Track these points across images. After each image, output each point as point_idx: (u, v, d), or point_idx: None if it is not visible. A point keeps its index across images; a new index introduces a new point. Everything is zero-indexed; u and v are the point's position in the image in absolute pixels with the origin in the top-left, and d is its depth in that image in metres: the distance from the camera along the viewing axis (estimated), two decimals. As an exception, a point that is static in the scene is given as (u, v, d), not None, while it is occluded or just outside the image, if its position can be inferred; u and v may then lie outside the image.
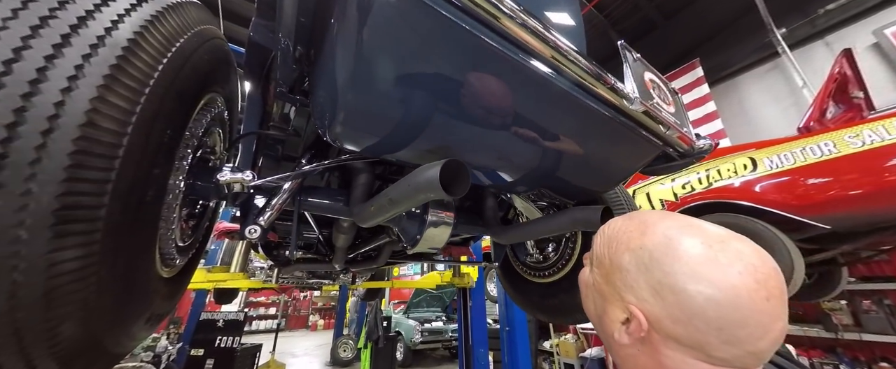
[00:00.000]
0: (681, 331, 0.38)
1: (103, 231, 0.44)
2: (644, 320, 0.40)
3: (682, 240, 0.41)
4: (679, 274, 0.39)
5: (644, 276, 0.41)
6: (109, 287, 0.48)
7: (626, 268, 0.43)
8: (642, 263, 0.42)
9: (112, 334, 0.53)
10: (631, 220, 0.48)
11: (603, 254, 0.48)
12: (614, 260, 0.45)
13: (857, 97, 2.76)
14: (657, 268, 0.40)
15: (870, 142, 2.00)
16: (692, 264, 0.39)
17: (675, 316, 0.38)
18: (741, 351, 0.37)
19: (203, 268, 2.80)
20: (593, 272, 0.49)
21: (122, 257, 0.49)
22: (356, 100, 0.58)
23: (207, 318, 4.40)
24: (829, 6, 4.77)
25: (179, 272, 0.80)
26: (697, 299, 0.37)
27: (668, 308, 0.39)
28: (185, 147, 0.65)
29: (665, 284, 0.39)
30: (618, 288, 0.44)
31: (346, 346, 7.26)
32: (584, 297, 0.52)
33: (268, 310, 13.85)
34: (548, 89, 0.63)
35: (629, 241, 0.45)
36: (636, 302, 0.41)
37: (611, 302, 0.45)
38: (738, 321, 0.36)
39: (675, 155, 0.94)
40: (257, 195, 0.87)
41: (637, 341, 0.42)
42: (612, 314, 0.44)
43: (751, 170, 2.53)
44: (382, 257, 1.88)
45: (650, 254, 0.42)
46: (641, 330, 0.40)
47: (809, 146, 2.27)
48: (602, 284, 0.47)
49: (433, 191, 0.52)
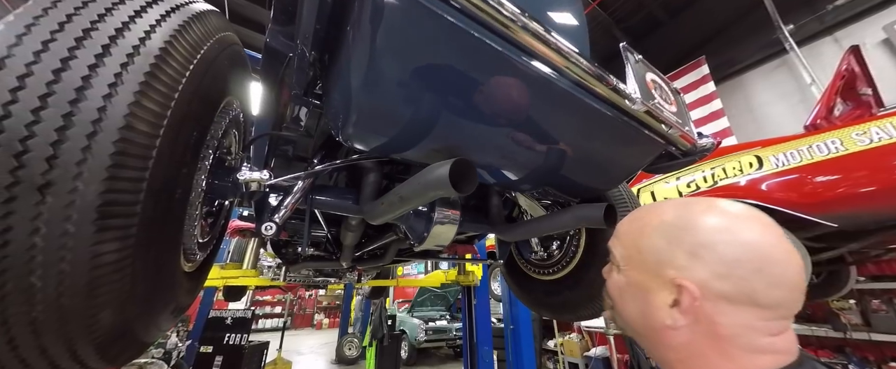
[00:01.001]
0: (728, 287, 0.39)
1: (138, 225, 0.47)
2: (693, 286, 0.39)
3: (692, 207, 0.45)
4: (706, 231, 0.41)
5: (677, 246, 0.42)
6: (142, 278, 0.52)
7: (657, 246, 0.44)
8: (671, 235, 0.43)
9: (143, 323, 0.57)
10: (637, 213, 0.51)
11: (627, 250, 0.48)
12: (642, 246, 0.46)
13: (865, 94, 2.74)
14: (686, 234, 0.42)
15: (878, 139, 1.98)
16: (712, 221, 0.42)
17: (718, 272, 0.39)
18: (785, 290, 0.38)
19: (216, 265, 2.87)
20: (623, 272, 0.49)
21: (153, 250, 0.53)
22: (369, 103, 0.61)
23: (216, 316, 4.49)
24: (838, 2, 4.70)
25: (199, 267, 0.84)
26: (731, 247, 0.39)
27: (709, 265, 0.39)
28: (206, 147, 0.68)
29: (698, 244, 0.41)
30: (654, 268, 0.44)
31: (351, 345, 7.33)
32: (620, 304, 0.49)
33: (274, 309, 14.01)
34: (551, 91, 0.65)
35: (648, 225, 0.47)
36: (678, 273, 0.41)
37: (652, 290, 0.44)
38: (770, 258, 0.39)
39: (677, 153, 0.95)
40: (271, 194, 0.91)
41: (692, 319, 0.40)
42: (658, 301, 0.43)
43: (757, 168, 2.52)
44: (388, 255, 1.92)
45: (674, 225, 0.44)
46: (694, 297, 0.39)
47: (816, 144, 2.25)
48: (637, 275, 0.46)
49: (443, 188, 0.54)
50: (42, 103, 0.39)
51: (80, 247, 0.42)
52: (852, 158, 2.06)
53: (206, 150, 0.69)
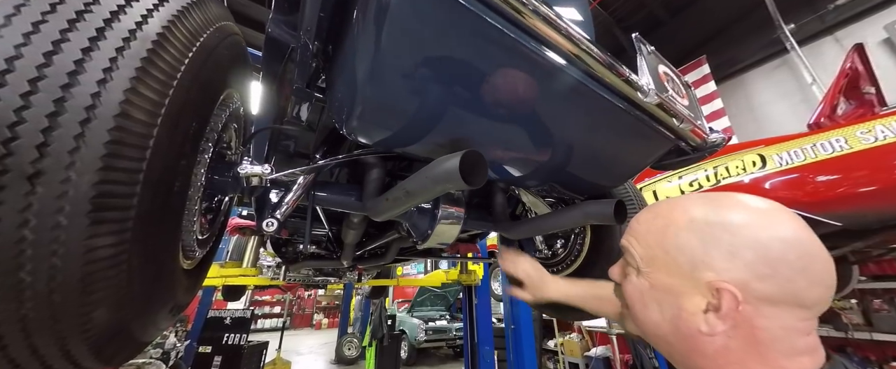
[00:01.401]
0: (772, 288, 0.36)
1: (135, 219, 0.45)
2: (735, 289, 0.36)
3: (722, 202, 0.41)
4: (745, 228, 0.38)
5: (714, 246, 0.38)
6: (139, 274, 0.49)
7: (689, 246, 0.40)
8: (705, 234, 0.39)
9: (140, 321, 0.55)
10: (657, 209, 0.46)
11: (650, 250, 0.44)
12: (670, 246, 0.41)
13: (868, 93, 2.73)
14: (723, 232, 0.38)
15: (883, 137, 1.97)
16: (748, 218, 0.38)
17: (761, 273, 0.36)
18: (824, 287, 0.36)
19: (215, 263, 2.84)
20: (643, 276, 0.44)
21: (150, 245, 0.51)
22: (375, 94, 0.59)
23: (215, 316, 4.46)
24: (839, 1, 4.70)
25: (198, 264, 0.82)
26: (775, 245, 0.36)
27: (751, 266, 0.36)
28: (206, 140, 0.66)
29: (738, 244, 0.37)
30: (688, 271, 0.40)
31: (351, 345, 7.30)
32: (641, 308, 0.44)
33: (273, 309, 13.97)
34: (562, 81, 0.63)
35: (675, 223, 0.42)
36: (717, 276, 0.37)
37: (684, 294, 0.40)
38: (812, 254, 0.36)
39: (687, 149, 0.94)
40: (272, 190, 0.89)
41: (730, 325, 0.37)
42: (690, 306, 0.39)
43: (760, 166, 2.50)
44: (390, 254, 1.90)
45: (706, 222, 0.40)
46: (737, 302, 0.36)
47: (820, 142, 2.24)
48: (665, 278, 0.42)
49: (452, 181, 0.52)
50: (32, 88, 0.37)
51: (74, 240, 0.40)
52: (857, 157, 2.05)
53: (206, 143, 0.67)
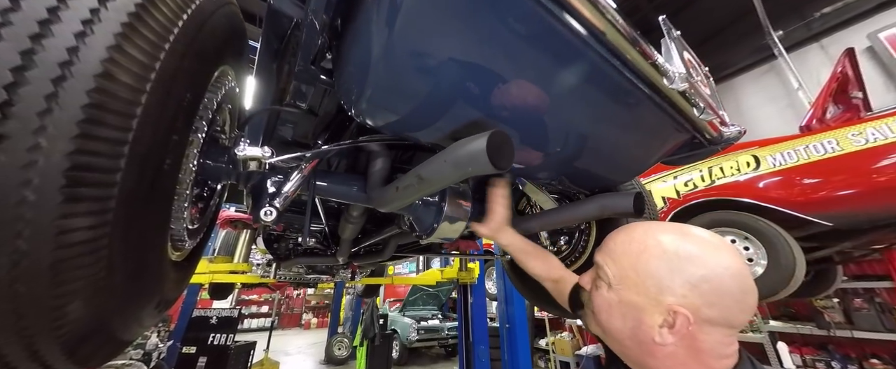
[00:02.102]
0: (715, 313, 0.46)
1: (118, 198, 0.39)
2: (689, 313, 0.46)
3: (689, 238, 0.50)
4: (706, 265, 0.47)
5: (679, 276, 0.47)
6: (122, 263, 0.43)
7: (657, 274, 0.49)
8: (672, 266, 0.48)
9: (122, 318, 0.48)
10: (631, 233, 0.55)
11: (623, 271, 0.52)
12: (642, 270, 0.50)
13: (856, 97, 2.80)
14: (688, 265, 0.47)
15: (874, 140, 2.02)
16: (710, 256, 0.48)
17: (711, 301, 0.46)
18: (749, 314, 0.48)
19: (203, 258, 2.72)
20: (614, 291, 0.53)
21: (135, 230, 0.44)
22: (390, 73, 0.54)
23: (200, 315, 4.31)
24: (825, 9, 4.85)
25: (187, 257, 0.75)
26: (726, 281, 0.46)
27: (704, 296, 0.46)
28: (200, 118, 0.60)
29: (698, 276, 0.47)
30: (653, 294, 0.49)
31: (341, 344, 7.18)
32: (606, 317, 0.54)
33: (260, 309, 13.66)
34: (586, 59, 0.59)
35: (649, 251, 0.51)
36: (676, 301, 0.47)
37: (646, 311, 0.49)
38: (747, 290, 0.47)
39: (703, 141, 0.91)
40: (269, 178, 0.82)
41: (679, 337, 0.47)
42: (650, 320, 0.49)
43: (754, 167, 2.54)
44: (388, 250, 1.84)
45: (676, 255, 0.49)
46: (689, 323, 0.46)
47: (813, 144, 2.29)
48: (633, 296, 0.51)
49: (478, 164, 0.48)
50: (-8, 36, 0.31)
51: (43, 220, 0.34)
52: (848, 158, 2.10)
53: (200, 121, 0.60)
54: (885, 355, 3.58)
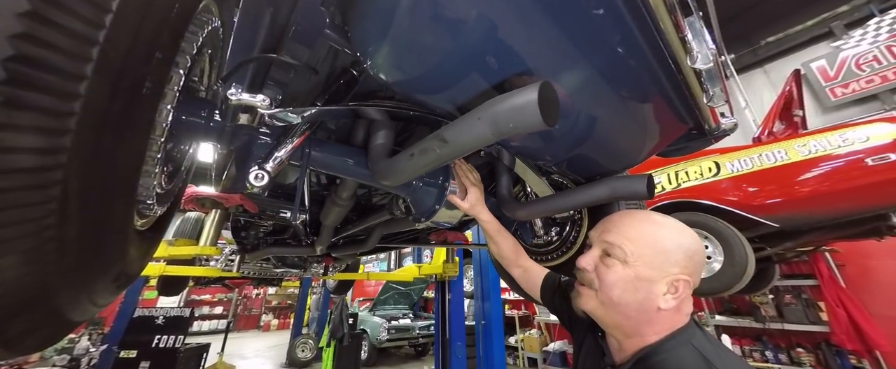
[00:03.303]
0: (696, 278, 0.61)
1: (80, 117, 0.29)
2: (690, 278, 0.60)
3: (677, 225, 0.64)
4: (691, 242, 0.62)
5: (680, 251, 0.60)
6: (80, 209, 0.33)
7: (667, 250, 0.61)
8: (676, 243, 0.61)
9: (72, 288, 0.37)
10: (639, 217, 0.66)
11: (640, 249, 0.62)
12: (658, 248, 0.61)
13: (797, 115, 3.15)
14: (684, 243, 0.61)
15: (816, 150, 2.27)
16: (688, 234, 0.63)
17: (697, 269, 0.61)
18: (700, 277, 0.63)
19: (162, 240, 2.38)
20: (630, 267, 0.61)
21: (101, 167, 0.34)
22: (419, 24, 0.48)
23: (144, 315, 3.84)
24: (769, 39, 5.46)
25: (153, 226, 0.62)
26: (700, 252, 0.62)
27: (695, 265, 0.61)
28: (183, 52, 0.49)
29: (691, 250, 0.61)
30: (664, 268, 0.60)
31: (306, 346, 6.80)
32: (620, 291, 0.61)
33: (213, 309, 12.58)
34: (623, 27, 0.57)
35: (658, 234, 0.63)
36: (680, 271, 0.59)
37: (656, 282, 0.60)
38: (702, 260, 0.63)
39: (702, 131, 0.94)
40: (257, 140, 0.71)
41: (677, 302, 0.59)
42: (658, 290, 0.59)
43: (715, 173, 2.76)
44: (372, 240, 1.74)
45: (674, 237, 0.62)
46: (687, 286, 0.60)
47: (765, 153, 2.53)
48: (646, 271, 0.60)
49: (525, 119, 0.43)
50: None
51: None
52: (794, 167, 2.35)
53: (183, 56, 0.49)
54: (808, 344, 4.07)
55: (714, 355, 0.55)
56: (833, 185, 2.17)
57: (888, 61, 4.49)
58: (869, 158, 2.12)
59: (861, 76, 4.66)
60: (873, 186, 2.06)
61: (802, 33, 5.23)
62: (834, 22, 5.01)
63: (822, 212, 2.27)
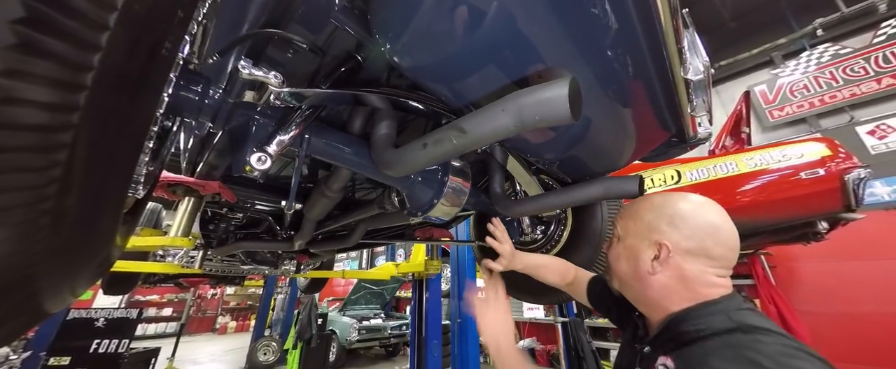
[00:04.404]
0: (692, 244, 0.58)
1: (99, 74, 0.26)
2: (670, 244, 0.59)
3: (672, 196, 0.66)
4: (680, 208, 0.62)
5: (662, 219, 0.62)
6: (81, 182, 0.29)
7: (648, 220, 0.64)
8: (657, 212, 0.63)
9: (56, 273, 0.32)
10: (651, 196, 0.69)
11: (626, 222, 0.68)
12: (638, 218, 0.65)
13: (744, 132, 3.52)
14: (668, 210, 0.62)
15: (761, 163, 2.56)
16: (688, 203, 0.63)
17: (686, 234, 0.59)
18: (726, 248, 0.58)
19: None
20: (622, 241, 0.68)
21: (108, 136, 0.30)
22: (450, 10, 0.47)
23: (79, 317, 3.41)
24: (721, 62, 6.06)
25: (131, 210, 0.56)
26: (696, 217, 0.60)
27: (681, 230, 0.59)
28: (194, 20, 0.44)
29: (676, 216, 0.61)
30: (645, 235, 0.63)
31: (268, 348, 6.43)
32: (617, 265, 0.68)
33: (161, 311, 11.50)
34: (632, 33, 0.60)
35: (642, 206, 0.67)
36: (660, 237, 0.60)
37: (641, 250, 0.63)
38: (719, 226, 0.59)
39: (681, 139, 1.02)
40: (256, 121, 0.66)
41: (666, 266, 0.59)
42: (644, 255, 0.62)
43: (676, 180, 3.01)
44: (355, 236, 1.68)
45: (660, 205, 0.65)
46: (669, 251, 0.59)
47: (719, 163, 2.80)
48: (633, 241, 0.65)
49: (554, 112, 0.44)
50: None
51: None
52: (743, 177, 2.63)
53: (192, 24, 0.45)
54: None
55: (753, 329, 0.48)
56: (773, 195, 2.45)
57: (815, 90, 5.17)
58: (802, 172, 2.43)
59: (794, 101, 5.32)
60: (806, 197, 2.36)
61: (748, 60, 5.86)
62: (774, 52, 5.66)
63: (764, 219, 2.56)
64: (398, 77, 0.83)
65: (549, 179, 1.43)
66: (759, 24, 5.52)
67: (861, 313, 3.79)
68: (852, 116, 4.85)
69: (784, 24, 5.47)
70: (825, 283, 4.21)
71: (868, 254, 4.05)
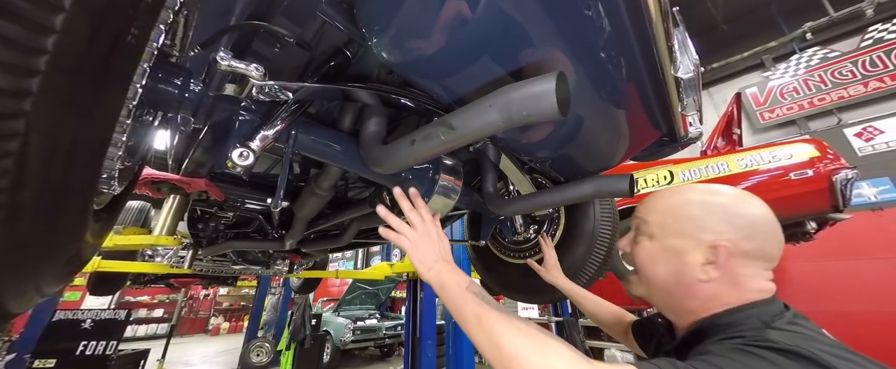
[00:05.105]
0: (751, 245, 0.50)
1: (53, 57, 0.24)
2: (729, 244, 0.50)
3: (718, 188, 0.57)
4: (736, 204, 0.53)
5: (715, 215, 0.52)
6: (38, 173, 0.27)
7: (696, 216, 0.53)
8: (708, 206, 0.53)
9: (18, 270, 0.31)
10: (669, 191, 0.61)
11: (664, 219, 0.57)
12: (682, 216, 0.55)
13: (735, 133, 3.56)
14: (720, 205, 0.53)
15: (751, 164, 2.59)
16: (739, 198, 0.54)
17: (746, 234, 0.50)
18: (780, 247, 0.52)
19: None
20: (657, 240, 0.57)
21: (68, 125, 0.28)
22: (436, 5, 0.46)
23: (66, 318, 3.34)
24: (714, 65, 6.13)
25: (108, 206, 0.54)
26: (754, 216, 0.51)
27: (739, 230, 0.50)
28: (166, 8, 0.42)
29: (732, 213, 0.52)
30: (693, 234, 0.53)
31: (261, 350, 6.35)
32: (651, 268, 0.57)
33: (151, 312, 11.32)
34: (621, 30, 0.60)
35: (685, 200, 0.56)
36: (715, 237, 0.51)
37: (688, 252, 0.53)
38: (775, 223, 0.52)
39: (672, 138, 1.02)
40: (239, 117, 0.64)
41: (722, 273, 0.50)
42: (693, 261, 0.52)
43: (669, 181, 3.03)
44: (347, 235, 1.66)
45: (709, 199, 0.54)
46: (730, 254, 0.49)
47: (711, 164, 2.83)
48: (674, 241, 0.54)
49: (541, 108, 0.43)
50: None
51: None
52: (733, 178, 2.66)
53: (166, 12, 0.43)
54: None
55: (798, 339, 0.41)
56: (763, 195, 2.47)
57: (804, 93, 5.26)
58: (792, 173, 2.46)
59: (784, 103, 5.40)
60: (795, 197, 2.39)
61: (740, 62, 5.95)
62: (765, 55, 5.75)
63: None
64: (388, 73, 0.82)
65: (542, 178, 1.43)
66: (750, 28, 5.60)
67: (848, 312, 3.86)
68: (840, 119, 4.94)
69: (775, 27, 5.56)
70: (813, 283, 4.28)
71: (856, 253, 4.13)
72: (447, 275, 0.60)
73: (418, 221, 0.68)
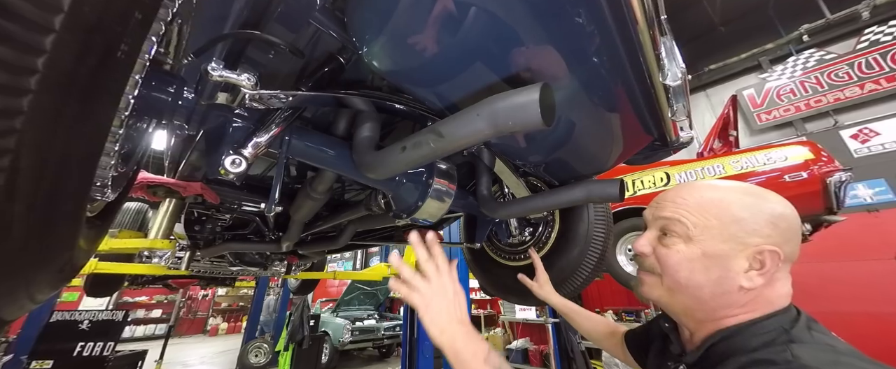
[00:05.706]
0: (790, 249, 0.47)
1: (43, 77, 0.25)
2: (779, 250, 0.46)
3: (751, 187, 0.53)
4: (776, 205, 0.49)
5: (761, 217, 0.48)
6: (30, 186, 0.28)
7: (742, 218, 0.48)
8: (752, 210, 0.48)
9: (10, 278, 0.32)
10: (699, 187, 0.55)
11: (705, 220, 0.50)
12: (725, 217, 0.49)
13: (732, 135, 3.58)
14: (765, 207, 0.49)
15: (746, 166, 2.60)
16: (772, 197, 0.51)
17: (788, 238, 0.47)
18: (798, 247, 0.50)
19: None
20: (695, 243, 0.50)
21: (58, 140, 0.29)
22: (425, 14, 0.47)
23: (63, 319, 3.34)
24: (711, 66, 6.16)
25: (101, 213, 0.55)
26: (791, 218, 0.49)
27: (783, 232, 0.47)
28: (159, 20, 0.43)
29: (776, 215, 0.48)
30: (741, 238, 0.48)
31: (260, 350, 6.35)
32: (687, 273, 0.50)
33: (149, 313, 11.30)
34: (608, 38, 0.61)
35: (725, 200, 0.51)
36: (763, 241, 0.47)
37: (732, 258, 0.48)
38: (799, 222, 0.50)
39: (664, 143, 1.03)
40: (232, 124, 0.65)
41: (766, 279, 0.47)
42: (736, 267, 0.48)
43: (665, 182, 3.05)
44: (344, 237, 1.67)
45: (753, 200, 0.50)
46: (779, 260, 0.46)
47: (707, 166, 2.85)
48: (717, 245, 0.49)
49: (526, 118, 0.44)
50: None
51: None
52: (729, 179, 2.68)
53: (159, 24, 0.44)
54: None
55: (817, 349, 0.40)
56: (759, 197, 2.49)
57: (801, 94, 5.28)
58: (786, 175, 2.48)
59: (781, 105, 5.43)
60: (789, 199, 2.40)
61: (737, 64, 5.97)
62: (762, 56, 5.77)
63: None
64: (382, 79, 0.83)
65: (537, 181, 1.44)
66: (747, 29, 5.62)
67: (844, 312, 3.88)
68: (836, 120, 4.97)
69: (772, 29, 5.58)
70: (809, 284, 4.30)
71: (851, 254, 4.15)
72: (462, 341, 0.53)
73: (433, 273, 0.60)
